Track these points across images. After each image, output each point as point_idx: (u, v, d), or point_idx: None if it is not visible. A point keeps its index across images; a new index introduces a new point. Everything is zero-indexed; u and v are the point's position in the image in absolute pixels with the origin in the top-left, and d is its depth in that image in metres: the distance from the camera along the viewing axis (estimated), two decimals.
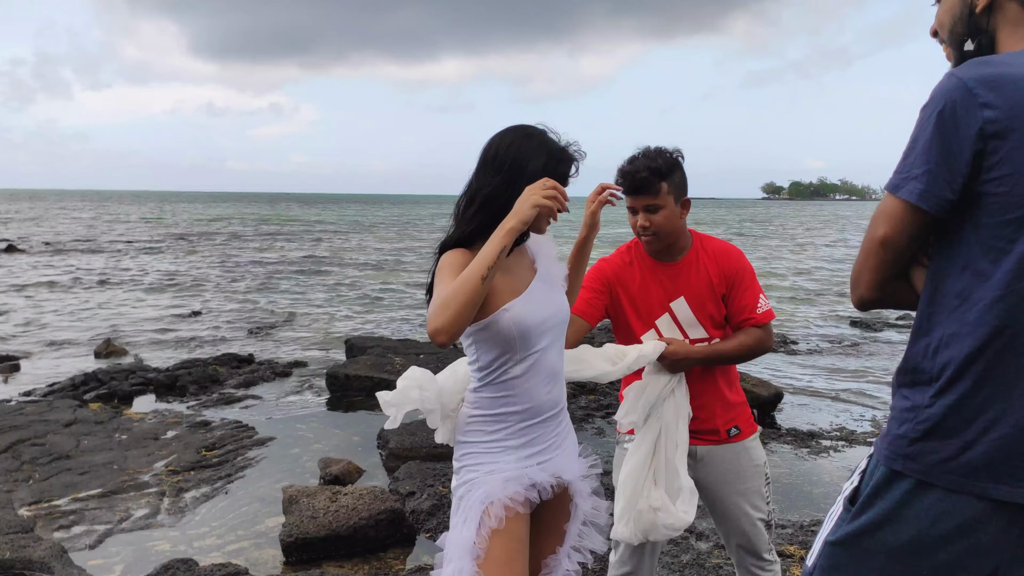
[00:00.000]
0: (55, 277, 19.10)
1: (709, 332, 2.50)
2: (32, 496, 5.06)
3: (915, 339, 1.48)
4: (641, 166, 2.37)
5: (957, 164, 1.35)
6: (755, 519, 2.54)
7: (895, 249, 1.44)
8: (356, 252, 29.39)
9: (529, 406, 1.98)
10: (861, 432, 6.76)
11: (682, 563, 3.89)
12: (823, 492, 5.22)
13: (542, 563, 2.12)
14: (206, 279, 19.49)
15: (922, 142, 1.39)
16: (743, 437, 2.57)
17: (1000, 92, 1.33)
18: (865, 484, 1.50)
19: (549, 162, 1.96)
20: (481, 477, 1.96)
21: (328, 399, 7.92)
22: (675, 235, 2.46)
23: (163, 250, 28.23)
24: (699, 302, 2.49)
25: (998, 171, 1.33)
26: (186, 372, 8.51)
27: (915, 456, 1.42)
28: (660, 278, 2.51)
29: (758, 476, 2.57)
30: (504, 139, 1.99)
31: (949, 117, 1.36)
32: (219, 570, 3.76)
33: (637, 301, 2.51)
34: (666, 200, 2.39)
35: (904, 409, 1.47)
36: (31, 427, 6.40)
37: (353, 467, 5.57)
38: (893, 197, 1.43)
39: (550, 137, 2.01)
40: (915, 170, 1.39)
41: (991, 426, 1.36)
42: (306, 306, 15.20)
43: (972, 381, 1.38)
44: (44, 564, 3.96)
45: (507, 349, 1.95)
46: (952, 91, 1.36)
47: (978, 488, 1.37)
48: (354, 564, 4.14)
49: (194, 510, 4.92)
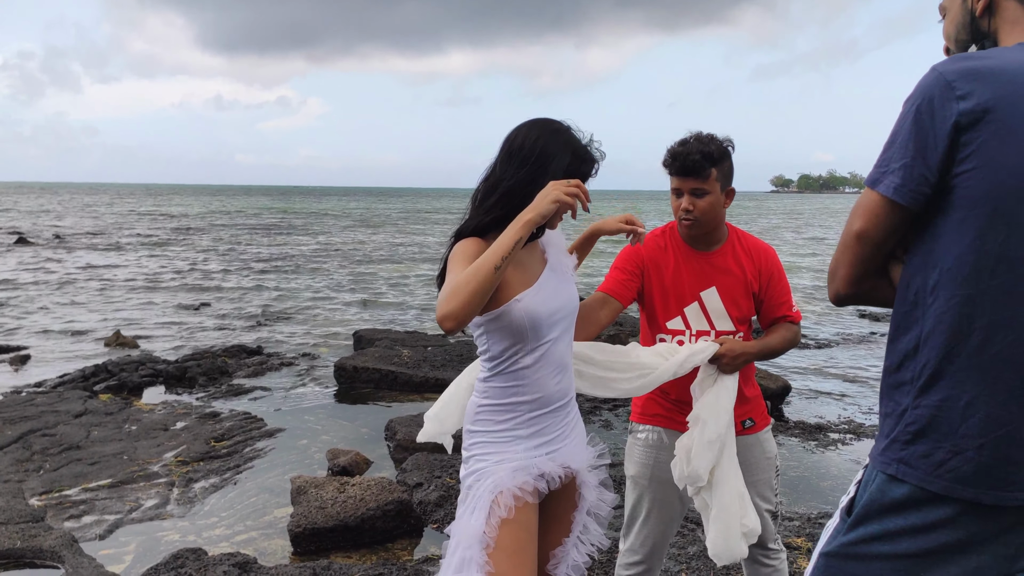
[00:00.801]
0: (65, 269, 19.19)
1: (735, 326, 2.49)
2: (42, 486, 5.09)
3: (895, 338, 1.47)
4: (694, 149, 2.37)
5: (933, 158, 1.34)
6: (763, 510, 2.54)
7: (871, 243, 1.43)
8: (364, 244, 29.42)
9: (538, 396, 1.98)
10: (869, 425, 6.74)
11: (688, 555, 3.89)
12: (831, 485, 5.21)
13: (550, 554, 2.12)
14: (215, 271, 19.55)
15: (901, 136, 1.39)
16: (757, 430, 2.56)
17: (979, 83, 1.32)
18: (860, 494, 1.48)
19: (574, 161, 1.97)
20: (490, 467, 1.96)
21: (336, 391, 7.94)
22: (714, 223, 2.46)
23: (172, 243, 28.31)
24: (730, 294, 2.48)
25: (969, 164, 1.32)
26: (195, 364, 8.54)
27: (909, 460, 1.40)
28: (694, 266, 2.50)
29: (769, 468, 2.57)
30: (531, 132, 1.98)
31: (926, 111, 1.35)
32: (228, 559, 3.78)
33: (668, 287, 2.50)
34: (713, 186, 2.39)
35: (892, 413, 1.45)
36: (41, 418, 6.44)
37: (361, 458, 5.59)
38: (871, 191, 1.42)
39: (575, 135, 2.02)
40: (893, 164, 1.39)
41: (978, 429, 1.34)
42: (314, 298, 15.23)
43: (954, 380, 1.36)
44: (54, 553, 3.99)
45: (518, 340, 1.95)
46: (931, 85, 1.36)
47: (969, 493, 1.35)
48: (362, 555, 4.16)
49: (203, 500, 4.95)
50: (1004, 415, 1.34)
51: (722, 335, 2.47)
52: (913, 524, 1.39)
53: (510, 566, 1.86)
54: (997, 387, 1.34)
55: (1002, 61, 1.34)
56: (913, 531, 1.39)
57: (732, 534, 2.36)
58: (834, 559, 1.49)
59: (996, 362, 1.33)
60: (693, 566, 3.78)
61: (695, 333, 2.48)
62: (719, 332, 2.48)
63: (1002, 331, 1.33)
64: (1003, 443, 1.34)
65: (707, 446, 2.32)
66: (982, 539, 1.37)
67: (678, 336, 2.48)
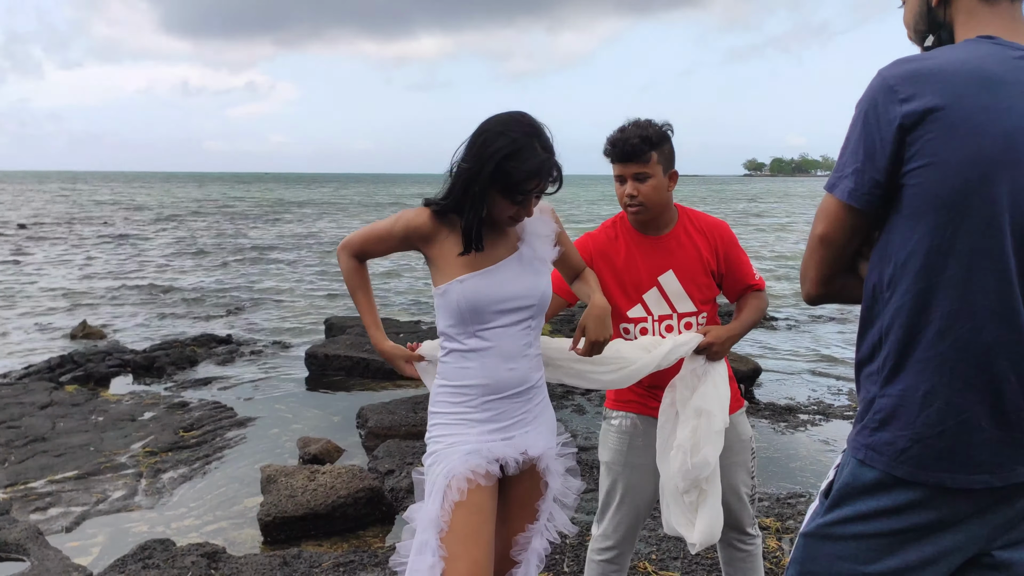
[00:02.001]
0: (29, 259, 18.86)
1: (696, 306, 2.49)
2: (7, 478, 5.01)
3: (862, 331, 1.51)
4: (632, 134, 2.36)
5: (882, 160, 1.38)
6: (741, 493, 2.55)
7: (834, 246, 1.48)
8: (335, 231, 29.20)
9: (488, 382, 1.98)
10: (838, 406, 6.82)
11: (659, 536, 3.92)
12: (800, 465, 5.27)
13: (512, 540, 2.12)
14: (183, 260, 19.32)
15: (852, 141, 1.43)
16: (730, 412, 2.56)
17: (920, 85, 1.35)
18: (837, 477, 1.53)
19: (500, 167, 1.89)
20: (443, 450, 1.97)
21: (307, 379, 7.89)
22: (661, 207, 2.45)
23: (141, 231, 27.92)
24: (688, 275, 2.47)
25: (915, 163, 1.35)
26: (163, 353, 8.44)
27: (876, 447, 1.44)
28: (647, 252, 2.49)
29: (744, 451, 2.57)
30: (488, 124, 1.95)
31: (871, 115, 1.39)
32: (196, 550, 3.74)
33: (623, 275, 2.49)
34: (655, 170, 2.39)
35: (864, 401, 1.50)
36: (6, 409, 6.33)
37: (332, 446, 5.56)
38: (830, 195, 1.47)
39: (527, 143, 1.91)
40: (847, 169, 1.44)
41: (937, 417, 1.38)
42: (285, 286, 15.11)
43: (913, 371, 1.40)
44: (19, 546, 3.93)
45: (458, 320, 1.98)
46: (875, 90, 1.40)
47: (933, 478, 1.39)
48: (333, 542, 4.14)
49: (172, 491, 4.90)
50: (962, 402, 1.37)
51: (684, 317, 2.47)
52: (885, 506, 1.43)
53: (462, 549, 1.88)
54: (955, 376, 1.37)
55: (943, 61, 1.37)
56: (885, 512, 1.43)
57: (717, 517, 2.39)
58: (812, 539, 1.54)
59: (952, 352, 1.37)
60: (663, 548, 3.81)
61: (657, 318, 2.47)
62: (681, 315, 2.47)
63: (957, 322, 1.36)
64: (963, 430, 1.38)
65: (716, 436, 2.35)
66: (955, 520, 1.41)
67: (641, 324, 2.47)
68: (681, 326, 2.47)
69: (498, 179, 1.90)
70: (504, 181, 1.90)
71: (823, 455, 5.52)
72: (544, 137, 1.95)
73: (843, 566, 1.48)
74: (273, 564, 3.65)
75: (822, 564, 1.51)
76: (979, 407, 1.37)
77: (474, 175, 1.91)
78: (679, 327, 2.47)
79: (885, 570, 1.44)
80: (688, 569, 3.60)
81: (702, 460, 2.33)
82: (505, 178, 1.90)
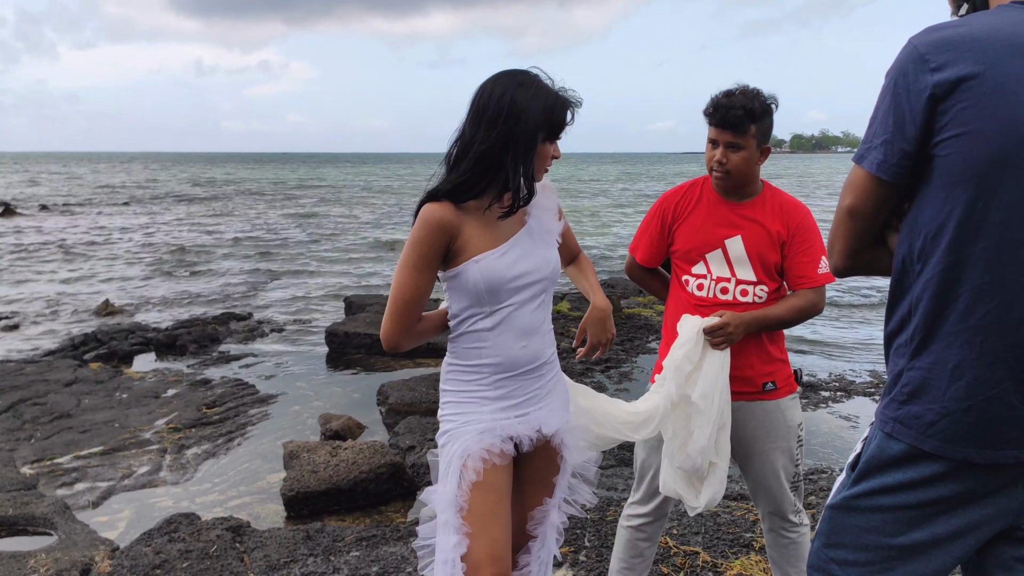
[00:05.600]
0: (52, 239, 19.04)
1: (757, 275, 2.45)
2: (34, 454, 5.08)
3: (891, 304, 1.49)
4: (737, 103, 2.33)
5: (911, 131, 1.35)
6: (781, 478, 2.51)
7: (862, 218, 1.46)
8: (354, 210, 29.26)
9: (501, 360, 1.95)
10: (860, 383, 6.78)
11: (679, 511, 3.91)
12: (822, 442, 5.24)
13: (528, 515, 2.11)
14: (205, 239, 19.43)
15: (881, 112, 1.40)
16: (779, 395, 2.51)
17: (952, 53, 1.31)
18: (864, 450, 1.51)
19: (546, 112, 1.89)
20: (457, 429, 1.96)
21: (327, 356, 7.93)
22: (747, 178, 2.43)
23: (160, 211, 28.10)
24: (755, 245, 2.45)
25: (946, 132, 1.32)
26: (186, 331, 8.51)
27: (903, 420, 1.42)
28: (723, 213, 2.48)
29: (791, 437, 2.52)
30: (496, 89, 1.89)
31: (901, 85, 1.36)
32: (221, 524, 3.79)
33: (693, 233, 2.50)
34: (749, 143, 2.37)
35: (892, 374, 1.48)
36: (32, 387, 6.42)
37: (353, 423, 5.59)
38: (858, 167, 1.44)
39: (544, 84, 1.93)
40: (875, 140, 1.41)
41: (966, 391, 1.36)
42: (304, 264, 15.17)
43: (942, 344, 1.38)
44: (47, 520, 3.99)
45: (474, 301, 1.92)
46: (905, 59, 1.36)
47: (960, 453, 1.37)
48: (355, 517, 4.17)
49: (196, 467, 4.95)
50: (991, 377, 1.35)
51: (741, 284, 2.45)
52: (911, 479, 1.42)
53: (480, 527, 1.88)
54: (984, 350, 1.35)
55: (975, 28, 1.33)
56: (912, 485, 1.42)
57: (722, 483, 2.42)
58: (839, 511, 1.53)
59: (982, 326, 1.35)
60: (684, 523, 3.81)
61: (715, 279, 2.47)
62: (739, 280, 2.46)
63: (987, 295, 1.33)
64: (991, 405, 1.35)
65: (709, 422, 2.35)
66: (983, 493, 1.39)
67: (699, 279, 2.49)
68: (737, 292, 2.46)
69: (542, 125, 1.89)
70: (549, 122, 1.91)
71: (844, 431, 5.49)
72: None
73: (869, 538, 1.47)
74: (297, 538, 3.69)
75: (848, 536, 1.51)
76: (1008, 382, 1.34)
77: (516, 134, 1.86)
78: (735, 292, 2.46)
79: (912, 542, 1.43)
80: (710, 544, 3.59)
81: (696, 449, 2.34)
82: (549, 118, 1.90)
